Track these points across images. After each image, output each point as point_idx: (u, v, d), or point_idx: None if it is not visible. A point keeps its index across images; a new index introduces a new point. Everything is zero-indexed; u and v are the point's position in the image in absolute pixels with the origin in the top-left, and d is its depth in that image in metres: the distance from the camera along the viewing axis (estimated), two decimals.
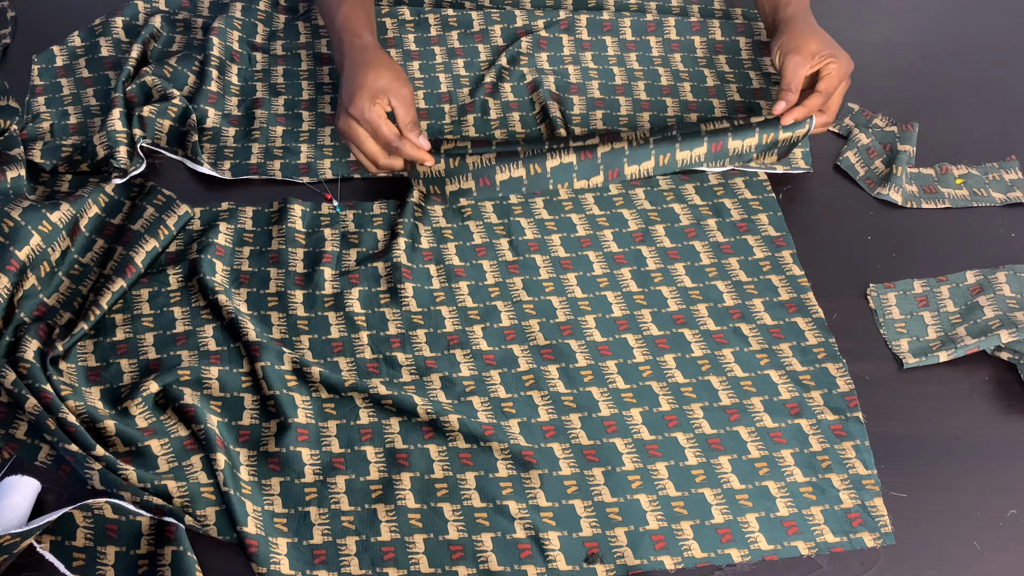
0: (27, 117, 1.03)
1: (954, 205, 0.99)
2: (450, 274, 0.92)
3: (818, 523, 0.76)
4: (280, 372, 0.82)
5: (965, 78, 1.13)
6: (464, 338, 0.87)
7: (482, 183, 0.94)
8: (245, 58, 1.10)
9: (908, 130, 1.04)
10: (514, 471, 0.78)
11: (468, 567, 0.73)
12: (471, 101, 1.06)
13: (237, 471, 0.77)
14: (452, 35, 1.13)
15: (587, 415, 0.82)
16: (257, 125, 1.04)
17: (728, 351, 0.87)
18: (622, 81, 1.09)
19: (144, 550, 0.72)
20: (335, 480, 0.77)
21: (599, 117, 1.05)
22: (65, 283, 0.89)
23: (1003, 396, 0.85)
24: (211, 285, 0.87)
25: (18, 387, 0.78)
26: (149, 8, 1.15)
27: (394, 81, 0.94)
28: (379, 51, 0.98)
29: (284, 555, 0.73)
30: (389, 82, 0.93)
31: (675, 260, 0.94)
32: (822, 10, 1.21)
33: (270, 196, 0.98)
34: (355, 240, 0.94)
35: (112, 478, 0.74)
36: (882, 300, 0.91)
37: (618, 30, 1.13)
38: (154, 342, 0.85)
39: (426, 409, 0.80)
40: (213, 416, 0.79)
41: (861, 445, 0.80)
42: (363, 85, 0.93)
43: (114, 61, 1.09)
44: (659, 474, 0.79)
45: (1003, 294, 0.89)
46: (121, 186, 0.96)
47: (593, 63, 1.10)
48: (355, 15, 1.00)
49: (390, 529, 0.75)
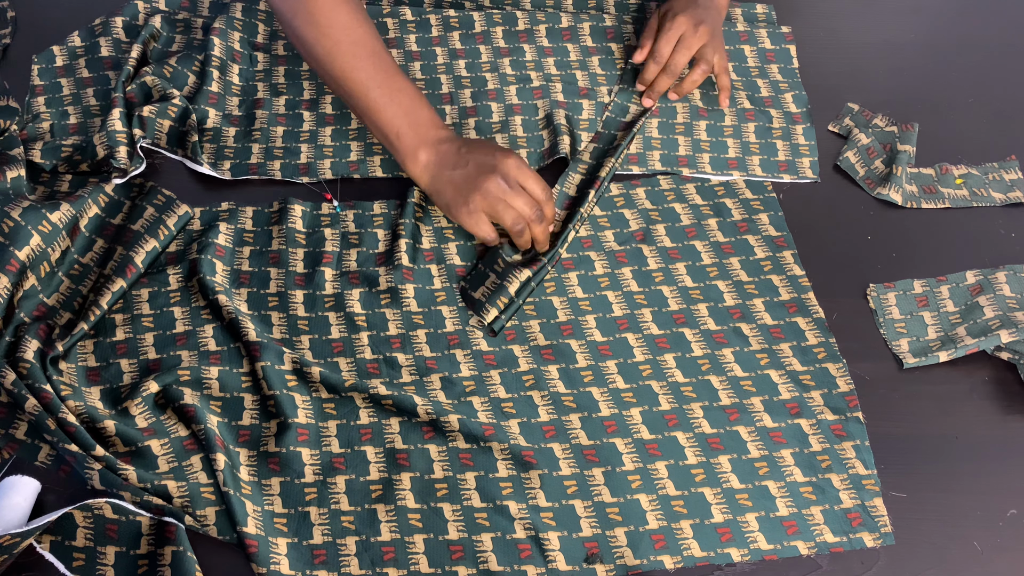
0: (27, 117, 1.03)
1: (954, 205, 0.99)
2: (451, 274, 0.92)
3: (818, 523, 0.76)
4: (280, 372, 0.82)
5: (965, 78, 1.13)
6: (464, 338, 0.87)
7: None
8: (246, 58, 1.10)
9: (908, 130, 1.04)
10: (514, 471, 0.78)
11: (468, 567, 0.73)
12: (473, 105, 1.06)
13: (237, 471, 0.77)
14: (454, 35, 1.13)
15: (587, 415, 0.82)
16: (258, 125, 1.04)
17: (728, 351, 0.87)
18: (584, 84, 1.09)
19: (144, 550, 0.72)
20: (335, 480, 0.77)
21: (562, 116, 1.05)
22: (65, 283, 0.89)
23: (1003, 396, 0.85)
24: (211, 285, 0.87)
25: (18, 387, 0.78)
26: (149, 8, 1.15)
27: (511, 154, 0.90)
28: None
29: (284, 555, 0.73)
30: (509, 153, 0.90)
31: (676, 260, 0.94)
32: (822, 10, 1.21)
33: (270, 196, 0.98)
34: (356, 240, 0.94)
35: (112, 478, 0.74)
36: (882, 300, 0.91)
37: (621, 36, 1.13)
38: (154, 342, 0.85)
39: (426, 409, 0.80)
40: (213, 416, 0.79)
41: (861, 445, 0.81)
42: (494, 146, 0.91)
43: (114, 61, 1.09)
44: (659, 474, 0.79)
45: (1003, 294, 0.89)
46: (121, 186, 0.96)
47: (601, 68, 1.10)
48: (415, 92, 0.93)
49: (390, 529, 0.75)
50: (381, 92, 0.90)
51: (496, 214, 0.88)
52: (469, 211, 0.89)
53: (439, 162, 0.90)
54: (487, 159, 0.89)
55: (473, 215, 0.89)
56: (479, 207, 0.89)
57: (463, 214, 0.89)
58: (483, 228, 0.90)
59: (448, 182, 0.90)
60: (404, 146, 0.91)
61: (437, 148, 0.91)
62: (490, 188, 0.88)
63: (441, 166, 0.90)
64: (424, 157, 0.91)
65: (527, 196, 0.89)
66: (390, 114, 0.91)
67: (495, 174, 0.88)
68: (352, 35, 0.90)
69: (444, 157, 0.90)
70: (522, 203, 0.88)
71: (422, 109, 0.92)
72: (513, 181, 0.88)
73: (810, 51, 1.14)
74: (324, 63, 0.91)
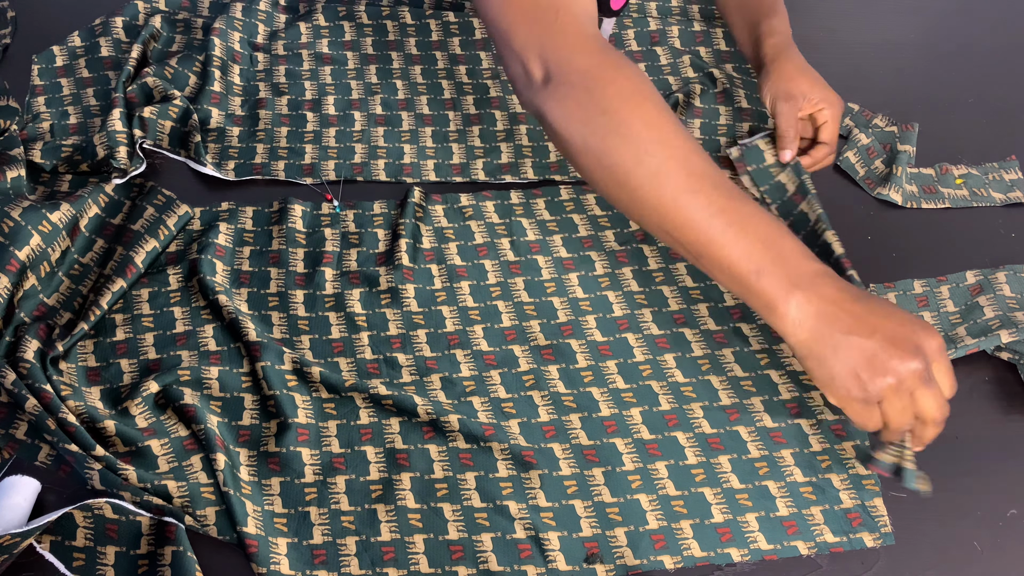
0: (27, 117, 1.03)
1: (954, 205, 0.99)
2: (452, 274, 0.92)
3: (818, 523, 0.76)
4: (280, 372, 0.82)
5: (965, 78, 1.13)
6: (465, 338, 0.87)
7: None
8: (247, 58, 1.10)
9: (908, 130, 1.04)
10: (514, 471, 0.78)
11: (468, 567, 0.73)
12: (476, 113, 1.06)
13: (237, 471, 0.77)
14: (454, 41, 1.13)
15: (587, 415, 0.82)
16: (262, 125, 1.04)
17: (728, 351, 0.87)
18: None
19: (144, 550, 0.72)
20: (335, 480, 0.77)
21: None
22: (65, 283, 0.89)
23: (1003, 396, 0.85)
24: (211, 285, 0.87)
25: (18, 387, 0.78)
26: (149, 8, 1.16)
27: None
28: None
29: (284, 555, 0.73)
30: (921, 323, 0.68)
31: (676, 259, 0.94)
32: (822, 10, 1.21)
33: (270, 196, 0.98)
34: (356, 240, 0.94)
35: (112, 478, 0.74)
36: None
37: (622, 43, 1.13)
38: (154, 342, 0.85)
39: (426, 409, 0.80)
40: (213, 416, 0.79)
41: (861, 445, 0.80)
42: (903, 312, 0.69)
43: (114, 61, 1.09)
44: (659, 473, 0.79)
45: (1003, 294, 0.89)
46: (121, 186, 0.96)
47: None
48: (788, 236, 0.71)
49: (390, 529, 0.75)
50: (727, 221, 0.69)
51: (893, 413, 0.67)
52: (867, 398, 0.66)
53: (824, 317, 0.67)
54: (903, 331, 0.66)
55: (870, 407, 0.67)
56: (880, 395, 0.66)
57: (854, 401, 0.67)
58: (873, 419, 0.68)
59: (839, 352, 0.67)
60: (768, 290, 0.69)
61: (819, 292, 0.68)
62: (904, 376, 0.65)
63: (829, 324, 0.67)
64: (798, 305, 0.68)
65: (939, 393, 0.67)
66: (744, 248, 0.69)
67: (916, 358, 0.65)
68: (681, 151, 0.71)
69: (832, 311, 0.67)
70: (934, 404, 0.66)
71: (785, 238, 0.70)
72: (932, 372, 0.66)
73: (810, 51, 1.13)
74: (648, 191, 0.71)
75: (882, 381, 0.66)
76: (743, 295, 0.71)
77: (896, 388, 0.66)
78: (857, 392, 0.67)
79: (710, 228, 0.70)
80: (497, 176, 1.01)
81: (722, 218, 0.70)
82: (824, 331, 0.67)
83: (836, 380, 0.68)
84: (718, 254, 0.70)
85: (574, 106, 0.73)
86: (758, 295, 0.69)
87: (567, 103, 0.74)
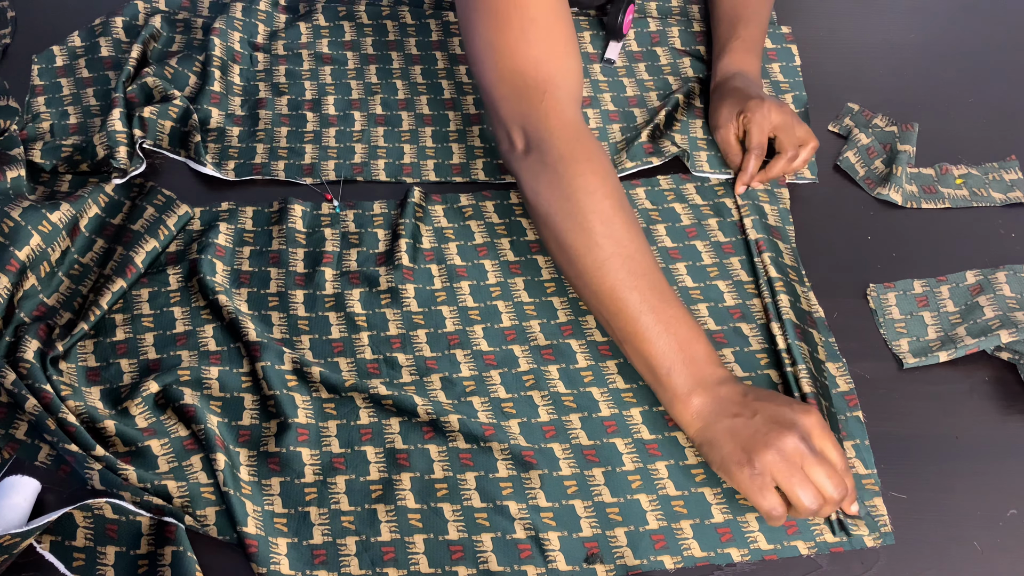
0: (27, 117, 1.03)
1: (954, 205, 0.99)
2: (452, 274, 0.92)
3: (818, 523, 0.76)
4: (280, 372, 0.82)
5: (965, 78, 1.13)
6: (465, 338, 0.87)
7: None
8: (246, 58, 1.10)
9: (908, 130, 1.04)
10: (514, 471, 0.78)
11: (468, 567, 0.73)
12: (476, 113, 1.06)
13: (237, 471, 0.77)
14: (453, 41, 1.13)
15: (587, 415, 0.82)
16: (262, 125, 1.04)
17: (728, 351, 0.87)
18: (633, 93, 1.08)
19: (144, 550, 0.72)
20: (335, 480, 0.77)
21: (616, 131, 1.04)
22: (65, 283, 0.89)
23: (1003, 396, 0.85)
24: (211, 285, 0.87)
25: (18, 387, 0.78)
26: (149, 8, 1.16)
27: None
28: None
29: (284, 555, 0.73)
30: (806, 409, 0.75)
31: (676, 260, 0.94)
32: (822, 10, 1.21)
33: (270, 196, 0.98)
34: (356, 240, 0.94)
35: (112, 478, 0.74)
36: (882, 300, 0.91)
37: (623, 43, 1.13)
38: (154, 342, 0.85)
39: (426, 409, 0.80)
40: (213, 416, 0.79)
41: (861, 445, 0.80)
42: (789, 399, 0.76)
43: (114, 61, 1.09)
44: (659, 473, 0.79)
45: (1003, 294, 0.89)
46: (121, 186, 0.96)
47: (602, 75, 1.10)
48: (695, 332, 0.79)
49: (390, 529, 0.75)
50: (654, 319, 0.77)
51: (789, 487, 0.71)
52: (754, 473, 0.72)
53: (716, 409, 0.75)
54: (781, 411, 0.74)
55: (758, 479, 0.72)
56: (767, 469, 0.71)
57: (744, 476, 0.72)
58: (769, 498, 0.72)
59: (727, 433, 0.74)
60: (675, 385, 0.77)
61: (715, 392, 0.76)
62: (786, 447, 0.71)
63: (719, 413, 0.75)
64: (698, 401, 0.76)
65: (829, 467, 0.72)
66: (662, 347, 0.77)
67: (793, 432, 0.72)
68: (627, 249, 0.79)
69: (723, 403, 0.76)
70: (824, 477, 0.71)
71: (699, 343, 0.78)
72: (815, 445, 0.73)
73: (810, 51, 1.14)
74: (592, 277, 0.80)
75: (766, 454, 0.72)
76: (653, 385, 0.80)
77: (782, 461, 0.71)
78: (747, 468, 0.72)
79: (638, 323, 0.78)
80: (497, 176, 1.01)
81: (651, 316, 0.78)
82: (715, 419, 0.75)
83: (727, 459, 0.74)
84: (641, 346, 0.78)
85: (544, 184, 0.83)
86: (666, 388, 0.78)
87: (540, 179, 0.83)
